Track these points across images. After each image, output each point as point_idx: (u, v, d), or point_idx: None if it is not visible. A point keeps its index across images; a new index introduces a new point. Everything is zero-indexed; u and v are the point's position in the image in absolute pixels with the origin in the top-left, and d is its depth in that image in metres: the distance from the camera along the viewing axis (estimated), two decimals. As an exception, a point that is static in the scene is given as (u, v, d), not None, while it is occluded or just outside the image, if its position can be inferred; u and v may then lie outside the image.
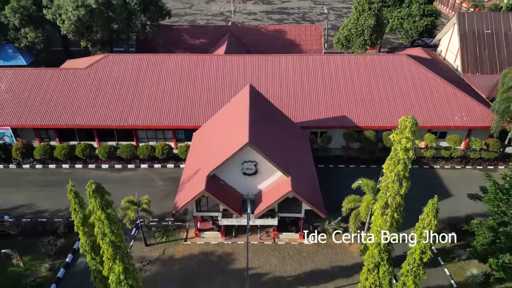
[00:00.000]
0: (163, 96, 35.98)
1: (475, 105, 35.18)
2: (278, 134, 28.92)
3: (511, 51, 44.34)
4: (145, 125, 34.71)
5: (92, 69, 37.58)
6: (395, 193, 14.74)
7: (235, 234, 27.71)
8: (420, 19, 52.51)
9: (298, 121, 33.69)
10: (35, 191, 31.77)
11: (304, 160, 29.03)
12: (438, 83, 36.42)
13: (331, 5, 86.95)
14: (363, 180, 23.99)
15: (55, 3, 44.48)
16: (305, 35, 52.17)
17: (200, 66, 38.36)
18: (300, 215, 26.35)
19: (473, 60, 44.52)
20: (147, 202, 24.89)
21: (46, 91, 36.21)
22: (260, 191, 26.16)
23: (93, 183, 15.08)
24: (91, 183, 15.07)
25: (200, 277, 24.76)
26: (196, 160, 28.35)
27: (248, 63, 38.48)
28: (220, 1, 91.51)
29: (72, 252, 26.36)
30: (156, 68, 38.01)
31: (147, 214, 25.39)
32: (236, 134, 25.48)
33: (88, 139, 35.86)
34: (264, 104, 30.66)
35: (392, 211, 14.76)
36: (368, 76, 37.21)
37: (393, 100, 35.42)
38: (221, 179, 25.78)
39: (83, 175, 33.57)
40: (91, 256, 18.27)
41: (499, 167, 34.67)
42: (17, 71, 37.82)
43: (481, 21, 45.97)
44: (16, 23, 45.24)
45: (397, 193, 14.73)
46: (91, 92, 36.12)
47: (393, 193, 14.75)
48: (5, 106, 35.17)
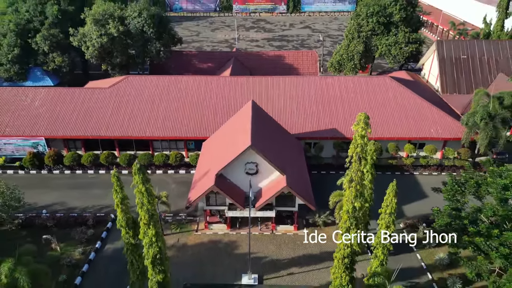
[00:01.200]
0: (176, 111, 41.57)
1: (449, 119, 40.54)
2: (276, 142, 34.24)
3: (485, 74, 50.11)
4: (160, 137, 40.15)
5: (115, 88, 43.42)
6: (357, 169, 19.87)
7: (239, 226, 32.59)
8: (406, 46, 58.53)
9: (293, 133, 39.05)
10: (65, 192, 36.91)
11: (298, 164, 34.22)
12: (416, 100, 41.95)
13: (328, 33, 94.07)
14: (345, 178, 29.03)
15: (81, 31, 50.92)
16: (302, 60, 58.35)
17: (208, 86, 44.13)
18: (294, 209, 31.30)
19: (451, 82, 50.29)
20: (166, 196, 29.97)
21: (74, 107, 41.91)
22: (261, 188, 31.22)
23: (138, 163, 20.30)
24: (136, 163, 20.28)
25: (209, 260, 29.48)
26: (206, 163, 33.60)
27: (250, 83, 44.25)
28: (225, 29, 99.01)
29: (100, 239, 31.24)
30: (170, 88, 43.80)
31: (166, 206, 30.39)
32: (240, 139, 30.82)
33: (110, 148, 41.23)
34: (264, 117, 36.14)
35: (356, 184, 19.84)
36: (355, 95, 42.83)
37: (377, 115, 40.82)
38: (227, 178, 30.92)
39: (106, 179, 38.68)
40: (126, 230, 23.18)
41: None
42: (49, 90, 43.73)
43: (458, 48, 52.06)
44: (46, 49, 51.63)
45: (358, 169, 19.86)
46: (113, 108, 41.79)
47: (355, 169, 19.90)
48: (39, 120, 40.81)
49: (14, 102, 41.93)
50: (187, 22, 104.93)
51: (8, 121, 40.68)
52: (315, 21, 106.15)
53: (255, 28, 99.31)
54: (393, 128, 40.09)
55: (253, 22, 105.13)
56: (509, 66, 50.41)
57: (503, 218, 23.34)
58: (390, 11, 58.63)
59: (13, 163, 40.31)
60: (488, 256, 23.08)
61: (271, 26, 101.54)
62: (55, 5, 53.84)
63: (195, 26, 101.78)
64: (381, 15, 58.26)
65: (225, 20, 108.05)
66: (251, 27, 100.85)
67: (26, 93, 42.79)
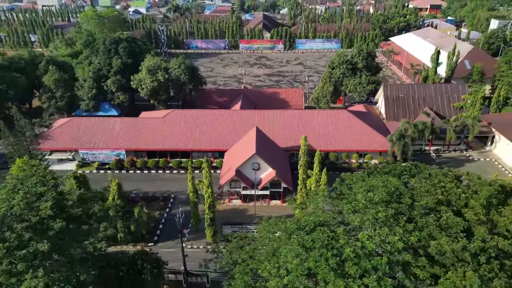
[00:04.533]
0: (206, 132, 65.73)
1: (382, 138, 64.49)
2: (270, 151, 58.30)
3: (415, 108, 74.28)
4: (197, 149, 64.19)
5: (166, 118, 67.89)
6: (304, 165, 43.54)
7: (248, 201, 56.30)
8: (367, 85, 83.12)
9: (282, 146, 63.03)
10: (140, 183, 60.77)
11: (283, 164, 58.16)
12: (363, 126, 66.02)
13: (316, 69, 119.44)
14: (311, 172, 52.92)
15: (137, 77, 75.89)
16: (291, 95, 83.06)
17: (226, 116, 68.45)
18: (280, 190, 55.04)
19: (392, 112, 74.54)
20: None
21: (140, 129, 66.23)
22: (261, 178, 55.03)
23: (206, 161, 44.17)
24: (205, 160, 44.13)
25: (231, 217, 53.00)
26: (228, 164, 57.61)
27: (255, 115, 68.57)
28: (233, 65, 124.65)
29: (167, 207, 54.97)
30: (201, 117, 68.13)
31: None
32: (249, 149, 54.91)
33: (165, 157, 65.28)
34: (263, 136, 60.28)
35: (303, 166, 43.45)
36: (324, 122, 66.94)
37: (336, 136, 64.82)
38: (242, 172, 54.81)
39: (163, 176, 62.77)
40: (192, 194, 46.94)
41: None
42: (123, 119, 68.31)
43: (398, 89, 76.59)
44: (113, 89, 76.65)
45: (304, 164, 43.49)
46: (166, 130, 66.08)
47: (304, 166, 43.52)
48: (120, 138, 65.10)
49: (103, 127, 66.43)
50: (202, 59, 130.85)
51: (100, 139, 65.06)
52: (307, 58, 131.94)
53: (258, 65, 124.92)
54: (346, 143, 64.05)
55: (256, 59, 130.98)
56: (432, 102, 74.74)
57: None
58: (356, 60, 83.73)
59: (104, 166, 64.41)
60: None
61: (271, 62, 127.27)
62: (118, 58, 78.96)
63: (209, 62, 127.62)
64: (349, 63, 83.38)
65: (233, 57, 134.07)
66: (254, 63, 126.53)
67: (110, 121, 67.41)
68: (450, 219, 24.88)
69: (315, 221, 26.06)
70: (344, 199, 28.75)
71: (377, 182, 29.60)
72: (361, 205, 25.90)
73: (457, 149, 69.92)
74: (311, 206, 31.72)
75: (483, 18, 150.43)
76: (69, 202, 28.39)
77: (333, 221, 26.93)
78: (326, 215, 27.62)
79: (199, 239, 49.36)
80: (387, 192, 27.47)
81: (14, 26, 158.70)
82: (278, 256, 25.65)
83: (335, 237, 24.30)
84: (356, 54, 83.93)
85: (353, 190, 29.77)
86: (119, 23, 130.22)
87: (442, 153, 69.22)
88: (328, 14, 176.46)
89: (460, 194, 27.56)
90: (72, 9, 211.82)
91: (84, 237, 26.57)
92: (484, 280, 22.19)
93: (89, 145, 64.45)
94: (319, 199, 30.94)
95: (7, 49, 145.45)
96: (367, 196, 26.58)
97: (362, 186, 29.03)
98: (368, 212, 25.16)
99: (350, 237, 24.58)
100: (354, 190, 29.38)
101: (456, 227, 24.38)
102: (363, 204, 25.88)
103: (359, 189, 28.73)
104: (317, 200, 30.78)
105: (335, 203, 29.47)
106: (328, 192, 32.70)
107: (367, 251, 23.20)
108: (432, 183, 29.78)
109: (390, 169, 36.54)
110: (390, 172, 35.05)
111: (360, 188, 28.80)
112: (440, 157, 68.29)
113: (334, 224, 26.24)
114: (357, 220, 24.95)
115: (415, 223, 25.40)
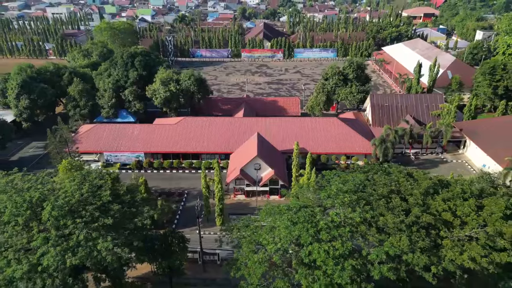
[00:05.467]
0: (214, 137, 76.12)
1: (367, 142, 74.87)
2: (269, 154, 68.74)
3: (398, 115, 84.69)
4: (206, 151, 74.62)
5: (179, 124, 78.38)
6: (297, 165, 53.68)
7: (251, 196, 66.69)
8: (357, 94, 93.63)
9: (280, 149, 73.43)
10: (157, 181, 71.19)
11: (281, 165, 68.60)
12: (350, 132, 76.43)
13: (313, 77, 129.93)
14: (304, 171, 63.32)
15: (151, 88, 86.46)
16: (288, 103, 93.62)
17: (231, 123, 78.93)
18: (278, 187, 65.42)
19: (378, 119, 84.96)
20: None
21: (156, 134, 76.72)
22: (262, 176, 65.44)
23: (216, 163, 54.43)
24: (215, 162, 54.38)
25: (236, 209, 63.30)
26: (234, 164, 68.04)
27: (257, 121, 79.05)
28: (236, 73, 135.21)
29: (182, 201, 65.38)
30: (209, 124, 78.61)
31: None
32: (251, 152, 65.36)
33: (177, 158, 75.74)
34: (264, 141, 70.72)
35: (295, 166, 53.57)
36: (317, 128, 77.37)
37: (327, 140, 75.23)
38: (245, 171, 65.22)
39: (177, 175, 73.26)
40: (204, 189, 57.34)
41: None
42: (142, 125, 78.82)
43: (383, 99, 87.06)
44: (130, 99, 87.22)
45: (296, 165, 53.64)
46: (179, 135, 76.54)
47: (296, 166, 53.64)
48: (138, 142, 75.56)
49: (124, 133, 76.94)
50: (207, 67, 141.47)
51: (121, 143, 75.54)
52: (305, 66, 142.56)
53: (259, 73, 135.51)
54: (336, 147, 74.43)
55: (257, 67, 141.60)
56: (413, 110, 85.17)
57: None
58: (347, 72, 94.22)
59: (125, 167, 74.85)
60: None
61: (271, 71, 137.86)
62: (135, 71, 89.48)
63: (213, 71, 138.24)
64: (340, 74, 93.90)
65: (236, 65, 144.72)
66: (255, 71, 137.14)
67: (130, 127, 77.96)
68: (396, 203, 35.22)
69: (300, 204, 36.44)
70: (323, 190, 39.08)
71: (348, 177, 40.02)
72: (333, 192, 36.24)
73: (433, 152, 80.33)
74: (300, 196, 42.09)
75: (471, 28, 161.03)
76: (120, 191, 38.79)
77: (313, 204, 37.27)
78: (309, 200, 37.99)
79: (209, 227, 59.71)
80: (354, 184, 37.88)
81: (29, 35, 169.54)
82: (274, 231, 35.99)
83: (314, 214, 34.62)
84: (347, 66, 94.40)
85: (330, 183, 40.13)
86: (129, 34, 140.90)
87: (420, 156, 79.64)
88: (325, 24, 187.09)
89: (407, 186, 37.92)
90: (80, 16, 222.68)
91: (134, 217, 37.02)
92: (413, 242, 32.50)
93: (112, 148, 74.95)
94: (305, 190, 41.37)
95: (23, 57, 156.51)
96: (338, 187, 36.95)
97: (336, 180, 39.41)
98: (338, 197, 35.48)
99: (324, 214, 34.91)
100: (331, 183, 39.73)
101: (399, 208, 34.68)
102: (334, 192, 36.22)
103: (335, 182, 39.10)
104: (304, 191, 41.21)
105: (316, 192, 39.81)
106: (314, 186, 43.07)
107: (335, 224, 33.51)
108: (389, 178, 40.19)
109: (368, 169, 46.98)
110: (369, 171, 45.47)
111: (335, 182, 39.18)
112: (418, 159, 78.73)
113: (314, 206, 36.57)
114: (329, 203, 35.25)
115: (371, 205, 35.73)
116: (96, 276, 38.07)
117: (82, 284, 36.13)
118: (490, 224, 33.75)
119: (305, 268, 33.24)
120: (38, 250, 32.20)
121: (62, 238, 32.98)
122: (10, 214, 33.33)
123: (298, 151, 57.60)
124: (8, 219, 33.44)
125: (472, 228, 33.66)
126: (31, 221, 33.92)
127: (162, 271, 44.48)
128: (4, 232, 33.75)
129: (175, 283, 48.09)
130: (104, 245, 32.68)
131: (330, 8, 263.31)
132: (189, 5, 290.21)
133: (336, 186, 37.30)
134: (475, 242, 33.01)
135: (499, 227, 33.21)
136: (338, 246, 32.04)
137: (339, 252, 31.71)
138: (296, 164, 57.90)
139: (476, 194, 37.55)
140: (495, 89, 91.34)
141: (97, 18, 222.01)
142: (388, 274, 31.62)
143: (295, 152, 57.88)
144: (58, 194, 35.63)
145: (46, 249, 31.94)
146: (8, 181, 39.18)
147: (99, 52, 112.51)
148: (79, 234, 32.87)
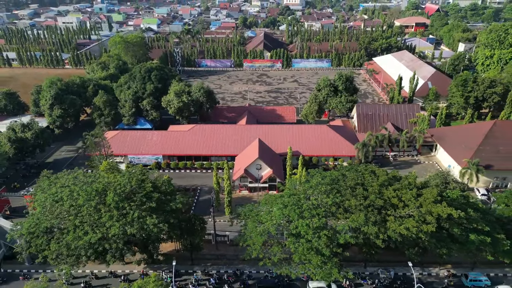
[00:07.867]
0: (222, 142, 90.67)
1: (352, 146, 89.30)
2: (269, 156, 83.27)
3: (381, 123, 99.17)
4: (214, 154, 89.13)
5: (191, 131, 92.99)
6: (290, 165, 67.98)
7: (253, 191, 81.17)
8: (346, 103, 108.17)
9: (277, 152, 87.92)
10: (174, 179, 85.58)
11: (278, 165, 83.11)
12: (338, 137, 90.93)
13: (309, 86, 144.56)
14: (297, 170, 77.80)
15: (166, 99, 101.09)
16: (285, 112, 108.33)
17: (235, 129, 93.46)
18: (275, 183, 79.91)
19: (363, 126, 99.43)
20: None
21: (172, 139, 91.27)
22: (262, 174, 79.91)
23: (226, 163, 68.82)
24: (225, 163, 68.74)
25: (241, 202, 77.68)
26: (239, 165, 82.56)
27: (258, 128, 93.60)
28: (238, 82, 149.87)
29: (196, 195, 79.90)
30: (217, 130, 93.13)
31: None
32: (253, 154, 79.90)
33: (190, 160, 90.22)
34: (264, 145, 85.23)
35: (289, 166, 67.89)
36: (309, 133, 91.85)
37: (317, 144, 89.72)
38: (248, 171, 79.71)
39: (190, 174, 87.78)
40: (216, 185, 71.82)
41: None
42: (160, 132, 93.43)
43: (368, 108, 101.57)
44: (148, 108, 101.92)
45: (289, 165, 67.89)
46: (191, 140, 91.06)
47: (290, 166, 67.96)
48: (157, 146, 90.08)
49: (144, 138, 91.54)
50: (211, 76, 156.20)
51: (142, 147, 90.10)
52: (301, 75, 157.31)
53: (259, 82, 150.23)
54: (325, 150, 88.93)
55: (257, 77, 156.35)
56: (394, 118, 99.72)
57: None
58: (337, 83, 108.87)
59: (145, 167, 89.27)
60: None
61: (271, 80, 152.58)
62: (151, 84, 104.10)
63: (217, 80, 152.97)
64: (331, 86, 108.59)
65: (238, 74, 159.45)
66: (256, 80, 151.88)
67: (149, 134, 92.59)
68: (359, 191, 49.84)
69: (290, 193, 51.04)
70: (307, 183, 53.56)
71: (327, 174, 54.60)
72: (314, 185, 50.76)
73: (409, 154, 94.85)
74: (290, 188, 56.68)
75: (456, 39, 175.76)
76: (158, 183, 53.52)
77: (299, 193, 51.82)
78: (296, 191, 52.62)
79: (219, 215, 74.10)
80: (330, 179, 52.48)
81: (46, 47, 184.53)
82: (270, 213, 50.53)
83: (299, 200, 49.14)
84: (337, 78, 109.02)
85: (313, 178, 54.63)
86: (140, 46, 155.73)
87: (398, 158, 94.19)
88: (321, 35, 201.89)
89: (369, 180, 52.47)
90: (90, 26, 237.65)
91: (169, 202, 51.65)
92: (368, 218, 47.09)
93: (134, 151, 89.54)
94: (294, 183, 55.99)
95: (40, 67, 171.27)
96: (318, 180, 51.49)
97: (318, 176, 53.93)
98: (316, 188, 50.04)
99: (306, 199, 49.45)
100: (314, 178, 54.23)
101: (360, 195, 49.25)
102: (315, 184, 50.74)
103: (316, 177, 53.62)
104: (293, 184, 55.83)
105: (302, 185, 54.35)
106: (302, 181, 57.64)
107: (314, 206, 48.00)
108: (358, 174, 54.80)
109: (349, 168, 61.64)
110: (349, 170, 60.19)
111: (317, 177, 53.70)
112: (396, 161, 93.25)
113: (299, 194, 51.09)
114: (310, 192, 49.80)
115: (340, 193, 50.35)
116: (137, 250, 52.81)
117: (130, 251, 50.85)
118: (424, 206, 48.26)
119: (293, 238, 47.77)
120: (106, 224, 46.76)
121: (121, 216, 47.59)
122: (84, 200, 47.90)
123: (291, 154, 72.39)
124: (82, 203, 48.01)
125: (410, 209, 48.17)
126: (98, 204, 48.55)
127: (185, 247, 59.07)
128: (79, 212, 48.38)
129: (194, 258, 62.60)
130: (151, 221, 47.25)
131: (327, 16, 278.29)
132: (192, 13, 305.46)
133: (316, 180, 51.82)
134: (411, 218, 47.53)
135: (429, 208, 47.66)
136: (316, 221, 46.50)
137: (317, 225, 46.15)
138: (289, 165, 72.55)
139: (418, 186, 52.15)
140: (467, 99, 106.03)
141: (106, 27, 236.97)
142: (350, 240, 46.21)
143: (289, 155, 72.68)
144: (115, 186, 50.20)
145: (112, 223, 46.50)
146: (74, 176, 53.89)
147: (115, 64, 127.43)
148: (133, 213, 47.50)
